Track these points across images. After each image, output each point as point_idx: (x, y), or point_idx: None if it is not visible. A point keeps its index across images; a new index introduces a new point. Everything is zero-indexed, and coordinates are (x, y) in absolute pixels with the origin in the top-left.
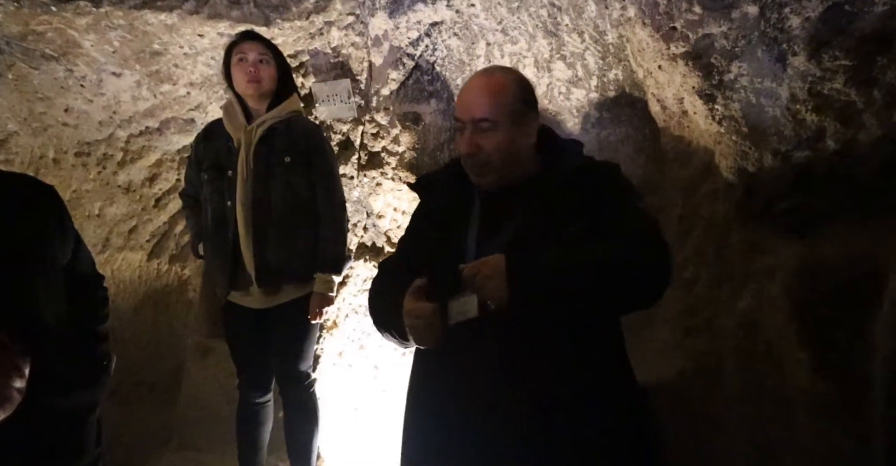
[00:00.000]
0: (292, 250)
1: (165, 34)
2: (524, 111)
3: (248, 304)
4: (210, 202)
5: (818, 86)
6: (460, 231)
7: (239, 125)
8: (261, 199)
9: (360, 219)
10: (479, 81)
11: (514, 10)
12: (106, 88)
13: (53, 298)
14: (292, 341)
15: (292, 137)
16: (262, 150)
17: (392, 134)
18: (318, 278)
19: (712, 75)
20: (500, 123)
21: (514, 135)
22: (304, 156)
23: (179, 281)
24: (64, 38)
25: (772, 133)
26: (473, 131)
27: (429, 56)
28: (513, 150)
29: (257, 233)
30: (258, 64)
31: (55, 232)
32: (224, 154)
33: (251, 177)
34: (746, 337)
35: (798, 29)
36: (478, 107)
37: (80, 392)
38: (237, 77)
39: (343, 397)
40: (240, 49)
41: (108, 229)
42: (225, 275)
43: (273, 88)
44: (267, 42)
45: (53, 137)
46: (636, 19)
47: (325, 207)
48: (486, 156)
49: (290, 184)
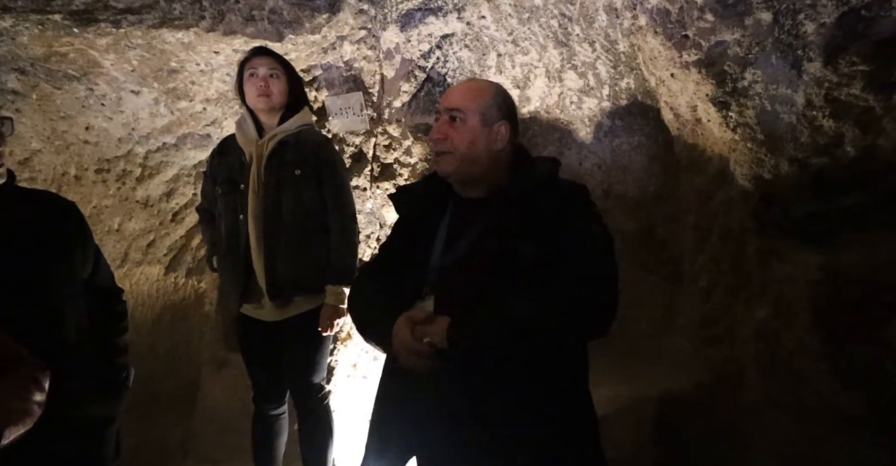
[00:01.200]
0: (303, 262)
1: (182, 52)
2: (496, 116)
3: (261, 317)
4: (224, 216)
5: (835, 92)
6: (431, 238)
7: (251, 139)
8: (271, 212)
9: (374, 231)
10: (464, 82)
11: (524, 21)
12: (125, 106)
13: (74, 312)
14: (305, 353)
15: (302, 150)
16: (273, 163)
17: (404, 145)
18: (329, 290)
19: (726, 82)
20: (469, 118)
21: (479, 134)
22: (315, 169)
23: (196, 295)
24: (85, 59)
25: (788, 140)
26: (445, 120)
27: (440, 68)
28: (475, 148)
29: (268, 246)
30: (268, 78)
31: (77, 246)
32: (237, 168)
33: (262, 190)
34: (766, 347)
35: (813, 35)
36: (454, 99)
37: (99, 405)
38: (248, 91)
39: (358, 408)
40: (251, 64)
41: (127, 244)
42: (237, 288)
43: (284, 102)
44: (277, 57)
45: (75, 155)
46: (647, 28)
47: (336, 219)
48: (451, 145)
49: (301, 197)
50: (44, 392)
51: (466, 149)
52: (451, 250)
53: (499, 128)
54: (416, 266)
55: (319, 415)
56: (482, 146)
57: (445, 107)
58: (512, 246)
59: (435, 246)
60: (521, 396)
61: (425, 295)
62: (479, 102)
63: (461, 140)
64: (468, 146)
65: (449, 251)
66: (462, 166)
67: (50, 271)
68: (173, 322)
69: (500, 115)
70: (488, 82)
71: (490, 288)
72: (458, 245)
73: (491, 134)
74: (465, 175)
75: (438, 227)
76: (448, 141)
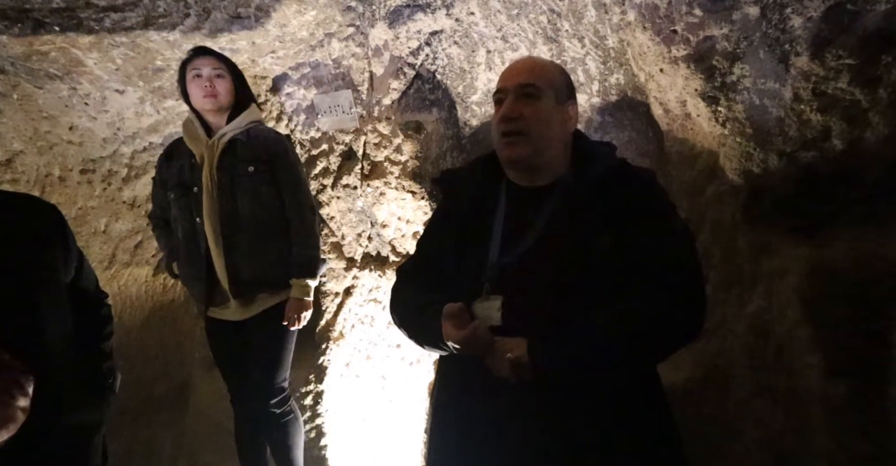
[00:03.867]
0: (264, 259)
1: (167, 50)
2: (567, 94)
3: (227, 317)
4: (179, 221)
5: (822, 86)
6: (485, 231)
7: (200, 140)
8: (228, 212)
9: (365, 229)
10: (526, 58)
11: (513, 18)
12: (110, 106)
13: (57, 317)
14: (267, 349)
15: (254, 147)
16: (225, 163)
17: (394, 143)
18: (294, 283)
19: (714, 77)
20: (543, 93)
21: (554, 113)
22: (268, 165)
23: (185, 296)
24: (67, 57)
25: (776, 134)
26: (517, 97)
27: (429, 65)
28: (550, 128)
29: (228, 246)
30: (213, 78)
31: (58, 250)
32: (187, 171)
33: (216, 190)
34: (756, 341)
35: (800, 29)
36: (525, 74)
37: (85, 411)
38: (194, 93)
39: (350, 408)
40: (193, 65)
41: (114, 245)
42: (202, 291)
43: (231, 101)
44: (220, 56)
45: (59, 155)
46: (636, 23)
47: (294, 213)
48: (525, 125)
49: (257, 194)
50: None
51: (542, 130)
52: (514, 245)
53: (569, 107)
54: (472, 262)
55: (282, 417)
56: (556, 127)
57: (517, 83)
58: (588, 240)
59: (492, 242)
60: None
61: (487, 293)
62: (549, 77)
63: (537, 119)
64: (544, 127)
65: (510, 246)
66: (536, 150)
67: (31, 276)
68: (163, 323)
69: (570, 94)
70: (550, 60)
71: (567, 290)
72: (523, 239)
73: (563, 114)
74: (537, 160)
75: (493, 219)
76: (522, 120)
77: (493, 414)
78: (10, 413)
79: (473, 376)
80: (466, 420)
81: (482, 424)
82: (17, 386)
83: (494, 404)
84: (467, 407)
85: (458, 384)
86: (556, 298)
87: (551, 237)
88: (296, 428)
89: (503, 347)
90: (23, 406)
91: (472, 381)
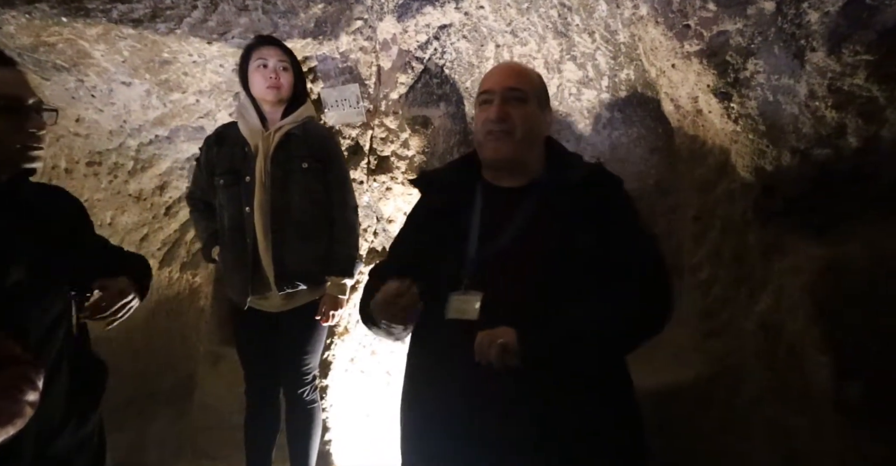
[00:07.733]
0: (310, 254)
1: (175, 43)
2: (546, 100)
3: (265, 308)
4: (227, 208)
5: (838, 82)
6: (462, 227)
7: (256, 130)
8: (280, 205)
9: (371, 224)
10: (510, 62)
11: (523, 12)
12: (116, 98)
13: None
14: (301, 343)
15: (309, 143)
16: (280, 156)
17: (401, 138)
18: (331, 281)
19: (728, 73)
20: (529, 98)
21: (537, 116)
22: (321, 162)
23: (191, 289)
24: (74, 49)
25: (790, 131)
26: (504, 100)
27: (438, 59)
28: (534, 130)
29: (276, 239)
30: (279, 70)
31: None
32: (240, 159)
33: (270, 182)
34: (767, 340)
35: (817, 24)
36: (513, 78)
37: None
38: (256, 82)
39: (355, 403)
40: (260, 54)
41: (120, 238)
42: (245, 281)
43: (290, 94)
44: (286, 48)
45: (65, 147)
46: (649, 18)
47: (339, 212)
48: (512, 126)
49: (309, 190)
50: (37, 392)
51: (527, 131)
52: (491, 241)
53: (547, 112)
54: (450, 257)
55: (308, 404)
56: (538, 128)
57: (506, 86)
58: (567, 238)
59: (470, 238)
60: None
61: (466, 288)
62: (533, 83)
63: (523, 121)
64: (529, 128)
65: (488, 242)
66: (519, 149)
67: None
68: (168, 317)
69: (547, 100)
70: (531, 67)
71: (545, 286)
72: (501, 236)
73: (543, 115)
74: (518, 159)
75: (470, 217)
76: (510, 121)
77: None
78: (19, 408)
79: (446, 365)
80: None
81: (457, 411)
82: (27, 380)
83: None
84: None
85: (430, 374)
86: (535, 294)
87: (531, 234)
88: (318, 416)
89: (492, 334)
90: (31, 401)
91: (444, 371)
